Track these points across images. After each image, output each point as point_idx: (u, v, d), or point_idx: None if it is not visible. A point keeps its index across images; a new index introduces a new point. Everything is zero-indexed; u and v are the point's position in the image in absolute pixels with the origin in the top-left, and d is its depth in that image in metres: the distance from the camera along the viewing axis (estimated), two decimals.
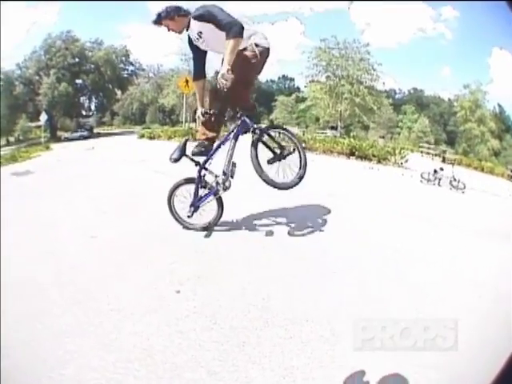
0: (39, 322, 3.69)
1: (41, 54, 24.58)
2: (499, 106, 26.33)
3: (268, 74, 29.44)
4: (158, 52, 29.97)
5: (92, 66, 26.09)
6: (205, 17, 5.18)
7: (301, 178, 5.60)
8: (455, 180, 13.17)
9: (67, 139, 24.12)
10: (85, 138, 24.18)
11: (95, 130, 27.15)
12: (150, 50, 28.93)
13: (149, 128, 26.18)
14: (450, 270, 5.23)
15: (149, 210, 6.51)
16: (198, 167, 5.45)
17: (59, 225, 6.14)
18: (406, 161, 15.99)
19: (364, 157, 15.73)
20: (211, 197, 5.50)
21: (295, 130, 21.99)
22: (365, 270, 4.86)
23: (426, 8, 25.77)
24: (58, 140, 24.18)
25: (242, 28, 5.00)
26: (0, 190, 7.85)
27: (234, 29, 4.96)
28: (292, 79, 31.57)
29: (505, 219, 9.03)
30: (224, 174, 5.42)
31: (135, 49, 27.68)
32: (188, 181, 5.52)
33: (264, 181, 5.47)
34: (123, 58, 27.55)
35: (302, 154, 5.71)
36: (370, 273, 4.79)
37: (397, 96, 32.17)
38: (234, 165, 5.43)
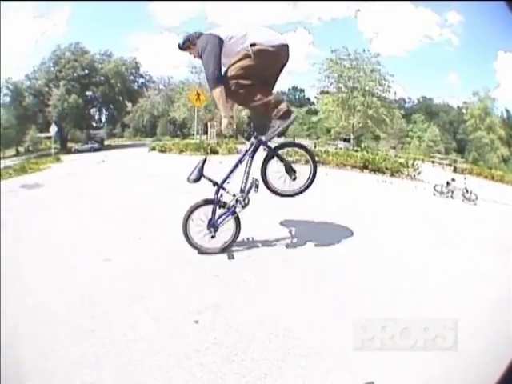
0: (53, 351, 3.57)
1: (50, 66, 24.96)
2: (507, 111, 26.25)
3: (278, 85, 29.52)
4: (168, 64, 30.16)
5: (102, 78, 26.35)
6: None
7: (305, 189, 5.79)
8: (467, 192, 13.13)
9: (77, 151, 24.32)
10: (95, 150, 24.37)
11: (106, 142, 27.34)
12: (159, 62, 29.23)
13: (160, 140, 26.32)
14: (463, 284, 5.24)
15: (161, 231, 6.43)
16: (215, 187, 5.45)
17: (71, 246, 6.01)
18: (419, 173, 16.01)
19: (377, 170, 15.77)
20: (230, 216, 5.47)
21: (306, 141, 21.91)
22: (384, 293, 4.75)
23: (431, 14, 25.81)
24: (69, 151, 24.43)
25: (219, 74, 5.20)
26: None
27: (209, 82, 5.27)
28: (302, 90, 31.71)
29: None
30: (242, 191, 5.50)
31: (145, 61, 27.90)
32: (206, 202, 5.45)
33: (268, 188, 5.72)
34: (133, 71, 27.75)
35: (313, 168, 5.80)
36: (390, 296, 4.69)
37: (406, 105, 32.21)
38: (256, 180, 5.53)
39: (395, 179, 15.08)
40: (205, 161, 5.49)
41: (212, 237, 5.46)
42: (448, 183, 13.32)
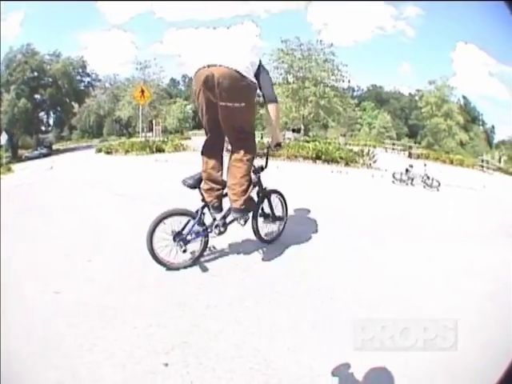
0: None
1: (2, 69, 24.47)
2: (464, 97, 26.89)
3: None
4: (115, 61, 29.89)
5: (50, 79, 26.27)
6: None
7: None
8: (428, 178, 13.12)
9: (28, 158, 24.01)
10: (44, 155, 24.18)
11: (54, 146, 27.03)
12: (106, 60, 28.82)
13: (106, 141, 26.21)
14: (441, 276, 5.30)
15: (112, 248, 5.92)
16: (203, 202, 5.21)
17: (19, 276, 5.08)
18: (375, 161, 16.31)
19: (331, 160, 15.83)
20: (202, 237, 5.19)
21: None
22: (363, 298, 4.52)
23: (387, 7, 26.19)
24: (20, 159, 24.06)
25: None
26: None
27: None
28: None
29: (485, 216, 9.28)
30: (224, 217, 5.30)
31: (92, 59, 27.73)
32: (177, 213, 5.04)
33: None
34: (80, 70, 27.59)
35: (285, 221, 6.10)
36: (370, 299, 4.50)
37: (355, 93, 32.64)
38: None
39: (350, 169, 15.20)
40: None
41: (184, 251, 5.01)
42: (407, 170, 13.36)
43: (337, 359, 3.35)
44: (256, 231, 5.64)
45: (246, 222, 5.34)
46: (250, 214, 5.44)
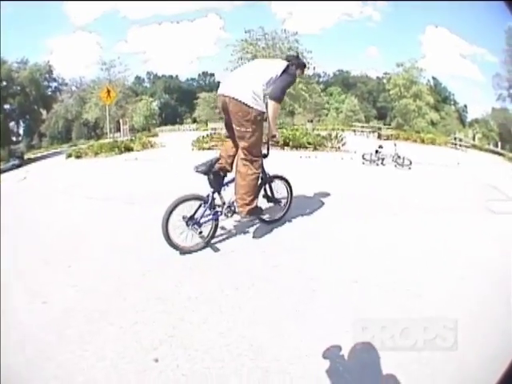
0: None
1: None
2: (434, 78, 27.13)
3: (188, 72, 30.11)
4: (80, 63, 29.46)
5: (18, 87, 25.72)
6: None
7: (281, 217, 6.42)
8: (399, 157, 13.18)
9: (1, 171, 23.51)
10: (17, 166, 23.50)
11: (26, 156, 26.49)
12: (72, 63, 28.42)
13: (75, 145, 25.71)
14: (421, 255, 5.37)
15: (89, 251, 5.91)
16: (212, 189, 5.57)
17: (6, 288, 4.95)
18: (344, 144, 16.42)
19: (299, 146, 15.97)
20: (212, 221, 5.57)
21: (218, 124, 21.56)
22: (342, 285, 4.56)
23: None
24: None
25: None
26: None
27: None
28: (212, 74, 32.35)
29: (462, 191, 9.51)
30: (233, 202, 5.69)
31: (58, 63, 27.34)
32: (186, 199, 5.37)
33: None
34: (47, 75, 27.19)
35: (289, 203, 6.50)
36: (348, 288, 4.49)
37: (321, 79, 32.55)
38: None
39: (319, 153, 15.35)
40: (218, 159, 5.73)
41: (200, 232, 5.40)
42: (377, 151, 13.39)
43: (322, 339, 3.46)
44: None
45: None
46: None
